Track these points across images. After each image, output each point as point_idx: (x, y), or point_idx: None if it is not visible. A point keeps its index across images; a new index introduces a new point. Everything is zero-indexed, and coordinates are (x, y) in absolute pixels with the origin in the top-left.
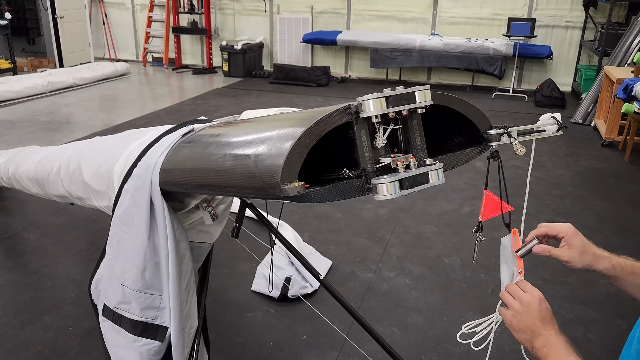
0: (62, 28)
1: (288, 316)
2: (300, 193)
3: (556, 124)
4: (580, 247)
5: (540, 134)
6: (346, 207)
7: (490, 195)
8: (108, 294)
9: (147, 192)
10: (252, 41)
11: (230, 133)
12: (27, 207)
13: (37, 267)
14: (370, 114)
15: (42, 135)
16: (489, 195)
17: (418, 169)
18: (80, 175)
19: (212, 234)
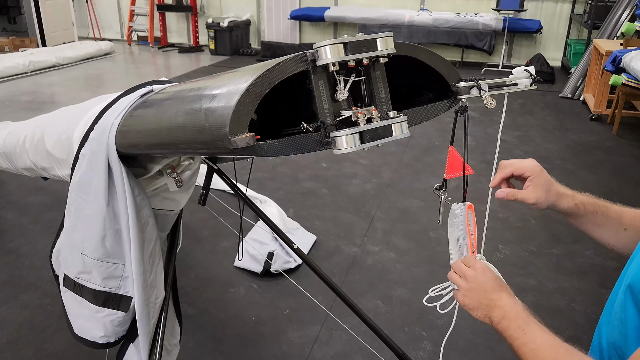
0: (43, 6)
1: (271, 291)
2: (250, 144)
3: (529, 77)
4: (545, 186)
5: (513, 88)
6: (332, 183)
7: (455, 152)
8: (68, 264)
9: (104, 155)
10: (239, 18)
11: (185, 89)
12: (6, 187)
13: (15, 246)
14: (327, 61)
15: (23, 114)
16: (454, 153)
17: (380, 121)
18: (43, 144)
19: (178, 202)
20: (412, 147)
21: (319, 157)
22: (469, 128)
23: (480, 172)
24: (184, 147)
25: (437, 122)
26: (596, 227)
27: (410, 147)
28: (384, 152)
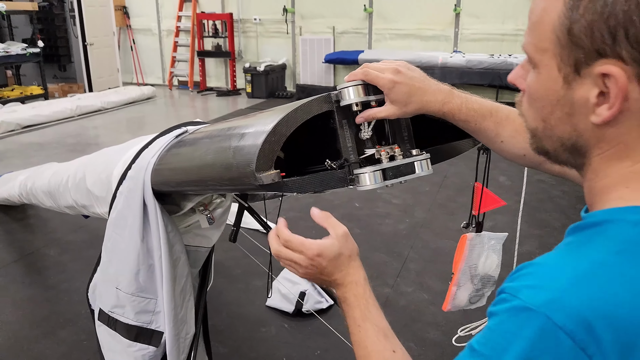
0: (91, 54)
1: (302, 331)
2: (275, 181)
3: None
4: (402, 100)
5: None
6: (365, 223)
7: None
8: (103, 298)
9: (140, 193)
10: (275, 62)
11: (216, 130)
12: (49, 225)
13: (56, 282)
14: (350, 101)
15: (68, 156)
16: (479, 189)
17: (403, 159)
18: (84, 183)
19: (210, 239)
20: (446, 186)
21: (352, 197)
22: (502, 167)
23: (515, 212)
24: (212, 183)
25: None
26: (477, 135)
27: (444, 187)
28: (417, 192)
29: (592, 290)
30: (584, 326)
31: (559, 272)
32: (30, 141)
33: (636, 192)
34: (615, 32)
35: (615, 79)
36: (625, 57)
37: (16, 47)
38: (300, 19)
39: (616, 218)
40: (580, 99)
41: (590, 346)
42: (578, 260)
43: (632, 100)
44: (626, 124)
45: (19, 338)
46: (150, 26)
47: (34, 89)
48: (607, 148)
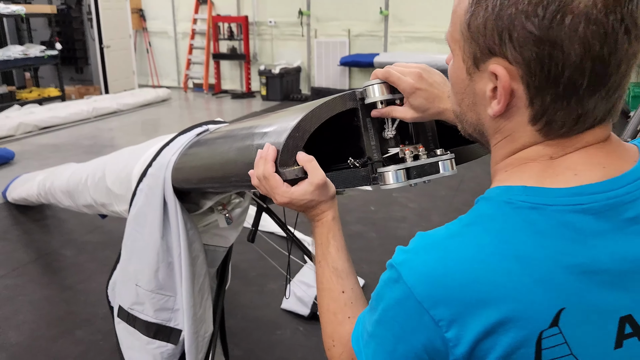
0: (108, 57)
1: (317, 334)
2: (298, 176)
3: None
4: (420, 106)
5: None
6: (380, 227)
7: None
8: (123, 295)
9: (160, 190)
10: (290, 65)
11: (238, 128)
12: (66, 225)
13: (72, 282)
14: (375, 99)
15: (83, 157)
16: None
17: (427, 158)
18: (104, 182)
19: (227, 238)
20: (463, 191)
21: (367, 200)
22: None
23: None
24: (234, 180)
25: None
26: None
27: (461, 191)
28: (433, 196)
29: (433, 255)
30: (423, 283)
31: (423, 239)
32: (47, 142)
33: (511, 174)
34: (502, 33)
35: (500, 77)
36: (510, 58)
37: (35, 50)
38: (316, 21)
39: (485, 196)
40: (480, 91)
41: (427, 300)
42: (443, 230)
43: (518, 97)
44: (516, 119)
45: (37, 337)
46: (166, 29)
47: (51, 91)
48: (500, 138)
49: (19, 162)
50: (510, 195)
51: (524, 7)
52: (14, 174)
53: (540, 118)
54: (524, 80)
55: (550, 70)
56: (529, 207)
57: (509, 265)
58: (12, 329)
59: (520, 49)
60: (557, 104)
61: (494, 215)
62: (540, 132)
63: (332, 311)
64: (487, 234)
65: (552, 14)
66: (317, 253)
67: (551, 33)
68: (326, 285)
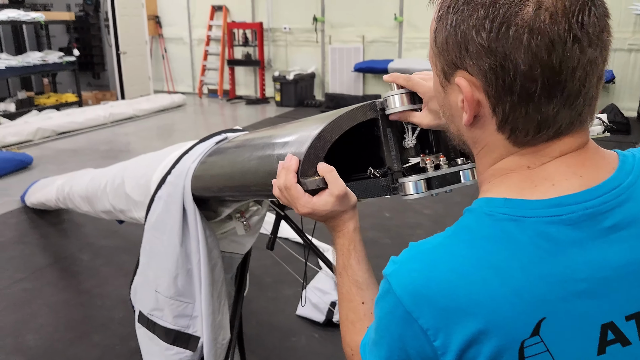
0: (124, 63)
1: (333, 342)
2: (319, 186)
3: (602, 125)
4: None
5: None
6: (395, 233)
7: None
8: (143, 300)
9: (180, 198)
10: (304, 71)
11: (259, 137)
12: (83, 230)
13: (89, 287)
14: (395, 110)
15: (100, 162)
16: None
17: (449, 168)
18: (123, 188)
19: (244, 245)
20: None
21: (382, 207)
22: None
23: None
24: (255, 189)
25: None
26: None
27: (476, 198)
28: (448, 203)
29: (417, 266)
30: (409, 293)
31: (410, 250)
32: (64, 147)
33: (493, 185)
34: (460, 47)
35: (462, 88)
36: (469, 70)
37: (53, 56)
38: (330, 28)
39: (470, 207)
40: (453, 103)
41: (415, 310)
42: (429, 241)
43: (484, 107)
44: (487, 128)
45: (54, 341)
46: (182, 35)
47: (68, 97)
48: (480, 148)
49: (37, 166)
50: (492, 207)
51: (474, 22)
52: (33, 178)
53: (504, 125)
54: (485, 91)
55: (505, 79)
56: (508, 219)
57: (486, 276)
58: (30, 332)
59: (477, 61)
60: (517, 111)
61: (474, 226)
62: (510, 140)
63: (352, 321)
64: (466, 245)
65: (498, 26)
66: (338, 264)
67: (499, 44)
68: (346, 296)
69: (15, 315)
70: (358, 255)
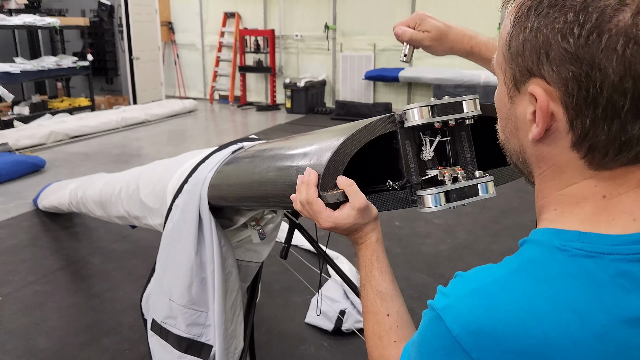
0: (137, 68)
1: (342, 350)
2: (340, 200)
3: None
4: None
5: None
6: (405, 242)
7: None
8: (156, 308)
9: (196, 207)
10: (315, 79)
11: (276, 148)
12: (94, 233)
13: (100, 291)
14: (415, 122)
15: (112, 166)
16: None
17: (467, 181)
18: (137, 194)
19: (260, 254)
20: (489, 208)
21: (392, 216)
22: None
23: None
24: (273, 200)
25: (515, 183)
26: None
27: (487, 209)
28: (459, 213)
29: (479, 302)
30: (469, 332)
31: (466, 283)
32: (77, 151)
33: (561, 215)
34: (539, 53)
35: (538, 98)
36: (547, 78)
37: (67, 60)
38: (342, 35)
39: (532, 238)
40: (520, 115)
41: (475, 351)
42: (487, 274)
43: (558, 121)
44: (559, 145)
45: (65, 344)
46: (194, 41)
47: (82, 101)
48: (545, 168)
49: (50, 170)
50: (564, 240)
51: (560, 25)
52: (45, 181)
53: (581, 143)
54: (563, 102)
55: (589, 90)
56: (584, 255)
57: (564, 317)
58: (41, 335)
59: (558, 68)
60: (598, 127)
61: (545, 262)
62: (585, 160)
63: (377, 335)
64: (539, 283)
65: (588, 32)
66: (361, 276)
67: (587, 51)
68: (371, 309)
69: (27, 318)
70: (381, 266)
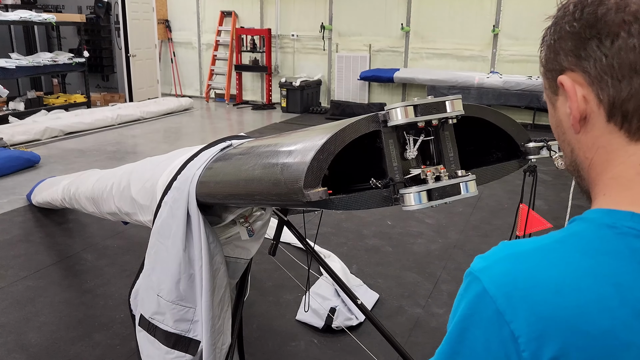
0: (133, 66)
1: (332, 347)
2: (323, 198)
3: None
4: None
5: None
6: (397, 241)
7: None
8: (144, 304)
9: (185, 204)
10: (311, 78)
11: (263, 145)
12: (88, 230)
13: (92, 286)
14: (398, 122)
15: (107, 163)
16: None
17: (449, 180)
18: (128, 191)
19: (249, 250)
20: (480, 208)
21: (384, 215)
22: (539, 191)
23: None
24: (259, 198)
25: (507, 184)
26: None
27: (478, 209)
28: (450, 213)
29: (520, 265)
30: (505, 293)
31: (507, 248)
32: (72, 147)
33: (609, 198)
34: (557, 49)
35: (563, 83)
36: (567, 66)
37: (63, 57)
38: (338, 36)
39: (583, 217)
40: (563, 116)
41: (508, 312)
42: (530, 243)
43: (592, 102)
44: (597, 125)
45: (56, 339)
46: (191, 40)
47: (77, 97)
48: (591, 156)
49: (45, 165)
50: (615, 219)
51: (567, 18)
52: (40, 177)
53: (613, 111)
54: (586, 80)
55: (602, 59)
56: (634, 235)
57: (604, 292)
58: (32, 330)
59: (572, 52)
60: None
61: (591, 236)
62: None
63: None
64: (583, 255)
65: (587, 10)
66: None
67: (586, 22)
68: None
69: (18, 313)
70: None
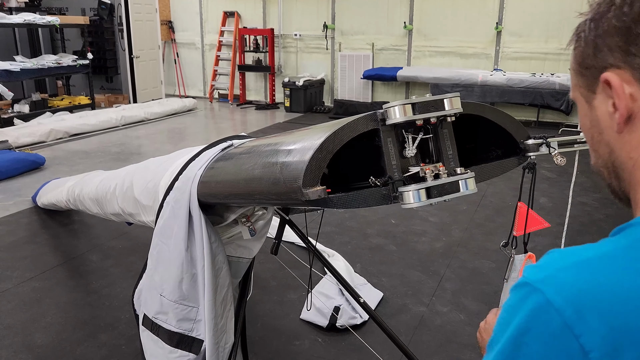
0: (137, 67)
1: (336, 346)
2: (322, 197)
3: None
4: None
5: (584, 145)
6: (401, 240)
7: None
8: (148, 304)
9: (186, 204)
10: (314, 77)
11: (263, 145)
12: (93, 231)
13: (98, 287)
14: (396, 120)
15: (112, 164)
16: (523, 208)
17: (448, 177)
18: (131, 192)
19: (251, 250)
20: (484, 206)
21: (388, 213)
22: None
23: (557, 235)
24: (259, 197)
25: (510, 181)
26: None
27: (482, 207)
28: (454, 211)
29: (586, 274)
30: (572, 305)
31: (565, 257)
32: (76, 149)
33: None
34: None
35: (609, 80)
36: (613, 63)
37: (67, 59)
38: (340, 35)
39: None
40: (602, 115)
41: (578, 325)
42: (589, 250)
43: (637, 99)
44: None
45: (62, 340)
46: (194, 40)
47: (82, 99)
48: (637, 155)
49: (50, 167)
50: None
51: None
52: (45, 179)
53: None
54: (635, 76)
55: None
56: None
57: None
58: (38, 331)
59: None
60: None
61: None
62: None
63: None
64: None
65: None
66: None
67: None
68: None
69: (25, 314)
70: None
